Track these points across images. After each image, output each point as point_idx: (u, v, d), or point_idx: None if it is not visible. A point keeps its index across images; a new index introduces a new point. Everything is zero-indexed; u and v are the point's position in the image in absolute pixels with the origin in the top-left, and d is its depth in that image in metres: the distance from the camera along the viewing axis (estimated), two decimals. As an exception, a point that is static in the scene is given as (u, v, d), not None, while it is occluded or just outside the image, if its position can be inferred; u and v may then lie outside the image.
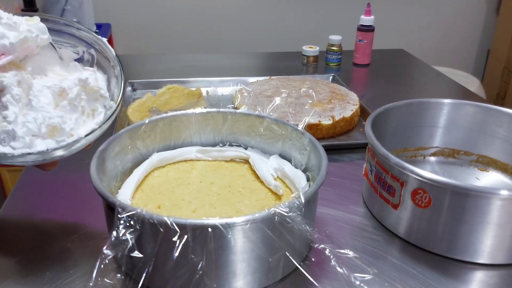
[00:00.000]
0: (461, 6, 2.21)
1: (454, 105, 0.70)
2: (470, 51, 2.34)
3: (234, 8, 2.07)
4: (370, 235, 0.57)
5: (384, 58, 1.33)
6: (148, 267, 0.42)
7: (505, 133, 0.67)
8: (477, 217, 0.50)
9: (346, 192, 0.66)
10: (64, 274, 0.49)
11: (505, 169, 0.68)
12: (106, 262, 0.41)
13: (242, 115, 0.64)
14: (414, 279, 0.50)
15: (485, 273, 0.52)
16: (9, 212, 0.61)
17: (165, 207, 0.54)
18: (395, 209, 0.55)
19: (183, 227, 0.41)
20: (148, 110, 0.84)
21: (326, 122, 0.80)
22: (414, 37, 2.20)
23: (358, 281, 0.43)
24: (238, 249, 0.44)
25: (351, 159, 0.76)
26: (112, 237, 0.41)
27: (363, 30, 1.22)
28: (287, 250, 0.46)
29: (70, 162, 0.73)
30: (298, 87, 0.95)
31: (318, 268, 0.50)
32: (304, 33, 2.08)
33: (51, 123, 0.48)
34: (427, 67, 1.28)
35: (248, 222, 0.43)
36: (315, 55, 1.25)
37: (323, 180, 0.49)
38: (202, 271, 0.42)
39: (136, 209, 0.42)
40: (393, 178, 0.54)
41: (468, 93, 1.11)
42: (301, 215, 0.45)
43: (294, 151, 0.61)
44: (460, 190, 0.49)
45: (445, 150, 0.72)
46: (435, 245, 0.54)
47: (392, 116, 0.68)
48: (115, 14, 1.99)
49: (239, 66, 1.26)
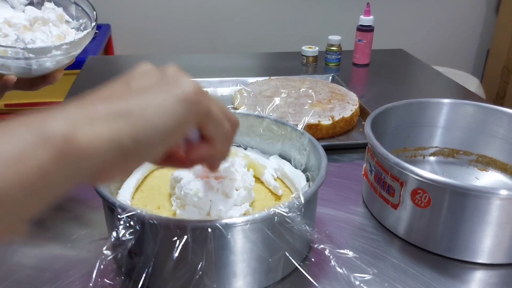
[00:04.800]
0: (460, 6, 2.21)
1: (454, 105, 0.70)
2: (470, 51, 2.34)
3: (233, 8, 2.07)
4: (370, 235, 0.57)
5: (384, 58, 1.33)
6: (148, 268, 0.42)
7: (505, 132, 0.67)
8: (477, 217, 0.50)
9: (346, 192, 0.66)
10: (64, 274, 0.49)
11: (504, 168, 0.68)
12: (106, 262, 0.41)
13: (241, 115, 0.64)
14: (414, 279, 0.50)
15: (484, 273, 0.52)
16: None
17: (165, 207, 0.54)
18: (394, 209, 0.55)
19: (183, 227, 0.41)
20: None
21: (325, 122, 0.80)
22: (414, 37, 2.20)
23: (358, 281, 0.43)
24: (238, 249, 0.44)
25: (351, 159, 0.76)
26: (112, 238, 0.41)
27: (362, 30, 1.22)
28: (287, 250, 0.46)
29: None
30: (297, 87, 0.95)
31: (318, 268, 0.50)
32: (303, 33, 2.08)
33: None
34: (427, 67, 1.28)
35: (248, 223, 0.43)
36: (314, 55, 1.25)
37: (322, 180, 0.49)
38: (202, 271, 0.42)
39: (136, 210, 0.42)
40: (393, 178, 0.54)
41: (467, 93, 1.11)
42: (301, 215, 0.45)
43: (294, 151, 0.61)
44: (460, 190, 0.49)
45: (445, 150, 0.72)
46: (435, 245, 0.54)
47: (392, 116, 0.68)
48: (115, 15, 1.99)
49: (238, 67, 1.26)
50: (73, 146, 0.26)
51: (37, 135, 0.25)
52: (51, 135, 0.25)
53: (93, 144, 0.27)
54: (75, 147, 0.26)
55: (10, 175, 0.24)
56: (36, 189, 0.25)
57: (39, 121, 0.26)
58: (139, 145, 0.28)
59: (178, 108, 0.30)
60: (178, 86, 0.31)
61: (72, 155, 0.26)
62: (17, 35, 0.60)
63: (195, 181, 0.50)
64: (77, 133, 0.26)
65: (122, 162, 0.28)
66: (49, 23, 0.64)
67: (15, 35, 0.61)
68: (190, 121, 0.31)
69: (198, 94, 0.32)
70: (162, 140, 0.30)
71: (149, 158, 0.32)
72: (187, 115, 0.31)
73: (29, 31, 0.63)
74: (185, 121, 0.31)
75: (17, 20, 0.63)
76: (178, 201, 0.51)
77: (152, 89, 0.31)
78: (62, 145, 0.25)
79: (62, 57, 0.61)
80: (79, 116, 0.27)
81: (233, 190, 0.51)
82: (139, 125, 0.28)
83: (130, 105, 0.29)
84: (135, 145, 0.28)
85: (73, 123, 0.26)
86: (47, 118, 0.26)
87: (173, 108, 0.30)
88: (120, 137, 0.28)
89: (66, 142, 0.26)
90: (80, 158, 0.26)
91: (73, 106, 0.28)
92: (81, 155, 0.26)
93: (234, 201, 0.50)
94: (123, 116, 0.28)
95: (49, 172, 0.25)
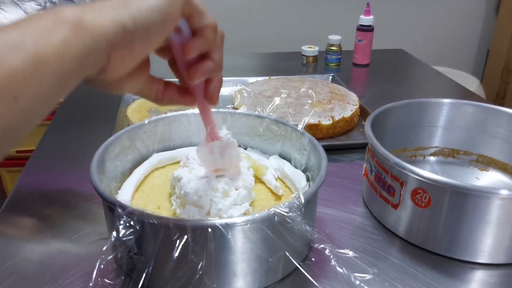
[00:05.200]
0: (460, 6, 2.21)
1: (454, 105, 0.70)
2: (470, 51, 2.34)
3: (233, 8, 2.07)
4: (370, 235, 0.57)
5: (384, 58, 1.33)
6: (148, 268, 0.42)
7: (505, 132, 0.67)
8: (477, 217, 0.50)
9: (346, 192, 0.66)
10: (64, 274, 0.49)
11: (504, 168, 0.68)
12: (106, 262, 0.41)
13: (241, 115, 0.64)
14: (414, 279, 0.50)
15: (485, 273, 0.52)
16: (9, 212, 0.61)
17: (165, 207, 0.54)
18: (395, 209, 0.55)
19: (183, 227, 0.41)
20: (147, 110, 0.84)
21: (325, 122, 0.80)
22: (414, 37, 2.20)
23: (358, 281, 0.43)
24: (238, 249, 0.44)
25: (351, 159, 0.76)
26: (112, 238, 0.41)
27: (362, 30, 1.22)
28: (287, 250, 0.46)
29: (71, 162, 0.73)
30: (297, 88, 0.95)
31: (318, 268, 0.50)
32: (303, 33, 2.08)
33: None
34: (427, 67, 1.28)
35: (248, 222, 0.43)
36: (314, 55, 1.25)
37: (323, 180, 0.49)
38: (202, 271, 0.42)
39: (136, 210, 0.42)
40: (393, 178, 0.54)
41: (467, 93, 1.11)
42: (301, 215, 0.45)
43: (294, 151, 0.61)
44: (460, 190, 0.49)
45: (445, 150, 0.72)
46: (435, 245, 0.54)
47: (392, 116, 0.68)
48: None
49: (238, 66, 1.26)
50: (84, 24, 0.31)
51: (53, 18, 0.30)
52: (65, 17, 0.30)
53: (99, 24, 0.31)
54: (85, 25, 0.31)
55: (46, 45, 0.28)
56: (64, 61, 0.29)
57: (52, 11, 0.31)
58: (137, 25, 0.33)
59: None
60: None
61: (84, 32, 0.30)
62: None
63: (195, 180, 0.50)
64: (85, 16, 0.31)
65: (127, 42, 0.33)
66: None
67: None
68: (177, 7, 0.36)
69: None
70: (157, 19, 0.35)
71: (150, 42, 0.35)
72: (175, 2, 0.36)
73: None
74: (174, 6, 0.35)
75: None
76: (178, 200, 0.51)
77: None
78: (75, 23, 0.30)
79: None
80: (84, 8, 0.32)
81: (233, 189, 0.51)
82: (135, 8, 0.34)
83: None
84: (134, 25, 0.33)
85: (82, 9, 0.31)
86: (57, 9, 0.31)
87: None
88: (121, 18, 0.33)
89: (78, 21, 0.30)
90: (90, 35, 0.31)
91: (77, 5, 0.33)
92: (91, 32, 0.31)
93: (234, 201, 0.50)
94: (122, 6, 0.33)
95: (71, 44, 0.29)
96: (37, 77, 0.28)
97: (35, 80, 0.28)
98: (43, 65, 0.28)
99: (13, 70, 0.27)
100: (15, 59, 0.27)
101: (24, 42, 0.28)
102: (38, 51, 0.28)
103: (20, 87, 0.27)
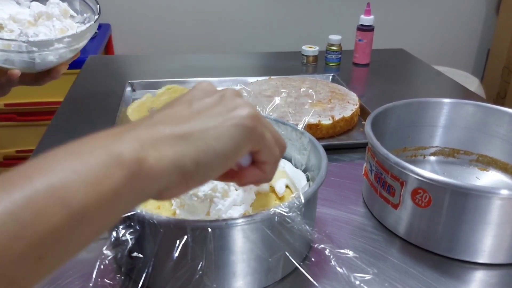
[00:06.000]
0: (461, 6, 2.21)
1: (454, 104, 0.70)
2: (470, 51, 2.34)
3: (233, 8, 2.07)
4: (370, 235, 0.57)
5: (384, 58, 1.33)
6: (148, 268, 0.42)
7: (505, 132, 0.66)
8: (477, 217, 0.50)
9: (346, 192, 0.66)
10: (64, 274, 0.49)
11: (505, 168, 0.68)
12: (106, 262, 0.41)
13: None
14: (414, 279, 0.50)
15: (485, 273, 0.52)
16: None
17: (165, 207, 0.54)
18: (395, 209, 0.55)
19: (182, 227, 0.41)
20: (147, 110, 0.84)
21: (326, 122, 0.80)
22: (414, 37, 2.20)
23: (358, 281, 0.43)
24: (238, 249, 0.44)
25: (351, 159, 0.76)
26: (112, 238, 0.41)
27: (362, 29, 1.22)
28: (287, 250, 0.46)
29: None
30: (297, 87, 0.95)
31: (318, 268, 0.50)
32: (303, 33, 2.08)
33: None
34: (427, 66, 1.28)
35: (248, 222, 0.43)
36: (314, 55, 1.25)
37: (323, 180, 0.49)
38: (202, 271, 0.42)
39: (135, 210, 0.42)
40: (393, 177, 0.54)
41: (468, 92, 1.11)
42: (301, 215, 0.45)
43: (294, 151, 0.60)
44: (460, 190, 0.49)
45: (445, 150, 0.72)
46: (435, 245, 0.54)
47: (392, 115, 0.68)
48: (115, 15, 1.99)
49: (238, 66, 1.26)
50: (143, 168, 0.28)
51: (111, 156, 0.27)
52: (125, 157, 0.27)
53: (159, 166, 0.29)
54: (144, 169, 0.28)
55: (91, 194, 0.26)
56: (111, 207, 0.27)
57: (112, 141, 0.28)
58: (199, 167, 0.30)
59: (236, 133, 0.32)
60: (236, 110, 0.33)
61: (142, 176, 0.28)
62: (20, 29, 0.61)
63: None
64: (146, 156, 0.28)
65: (183, 182, 0.30)
66: (53, 17, 0.64)
67: (19, 30, 0.61)
68: (246, 146, 0.33)
69: (254, 120, 0.33)
70: (220, 163, 0.32)
71: (207, 179, 0.33)
72: (243, 140, 0.32)
73: (33, 26, 0.64)
74: (242, 146, 0.32)
75: (22, 16, 0.63)
76: (177, 200, 0.51)
77: (211, 111, 0.33)
78: (134, 167, 0.27)
79: (64, 50, 0.62)
80: (147, 137, 0.29)
81: (232, 190, 0.51)
82: (200, 149, 0.30)
83: (192, 128, 0.31)
84: (195, 168, 0.30)
85: (142, 145, 0.28)
86: (119, 139, 0.28)
87: (231, 133, 0.32)
88: (183, 160, 0.30)
89: (138, 164, 0.28)
90: (148, 179, 0.28)
91: (141, 126, 0.30)
92: (149, 176, 0.28)
93: (233, 201, 0.50)
94: (186, 138, 0.30)
95: (123, 192, 0.27)
96: (73, 236, 0.26)
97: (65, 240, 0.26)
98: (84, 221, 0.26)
99: (51, 228, 0.24)
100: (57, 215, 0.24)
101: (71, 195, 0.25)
102: (83, 207, 0.25)
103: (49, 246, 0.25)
